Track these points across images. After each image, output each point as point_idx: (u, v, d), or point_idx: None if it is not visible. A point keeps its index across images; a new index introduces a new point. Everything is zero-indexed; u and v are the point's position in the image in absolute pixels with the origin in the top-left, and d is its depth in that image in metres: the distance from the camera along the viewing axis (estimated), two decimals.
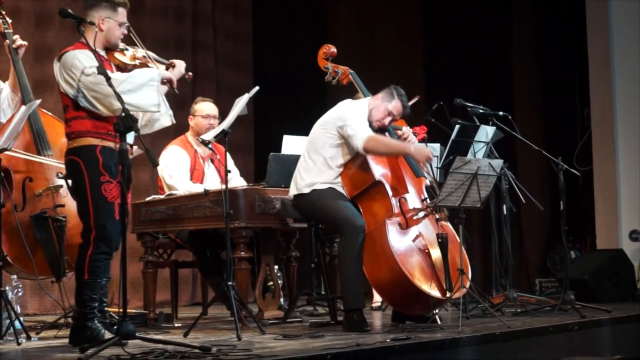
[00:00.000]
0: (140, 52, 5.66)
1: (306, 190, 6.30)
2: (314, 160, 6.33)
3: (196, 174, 7.30)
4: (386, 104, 6.37)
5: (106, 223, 5.35)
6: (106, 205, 5.35)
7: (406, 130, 6.51)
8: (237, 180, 7.35)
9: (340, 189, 6.29)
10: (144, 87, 5.35)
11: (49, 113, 6.80)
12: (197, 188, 7.03)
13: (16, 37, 6.50)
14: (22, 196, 6.44)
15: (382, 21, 11.91)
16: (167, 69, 5.69)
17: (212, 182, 7.21)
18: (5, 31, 6.50)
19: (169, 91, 5.59)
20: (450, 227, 6.52)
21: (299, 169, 6.41)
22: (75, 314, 5.44)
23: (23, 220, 6.35)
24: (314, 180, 6.29)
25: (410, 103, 6.58)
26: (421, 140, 7.88)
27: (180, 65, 5.70)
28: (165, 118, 5.63)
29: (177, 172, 7.19)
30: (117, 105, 5.17)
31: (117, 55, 5.60)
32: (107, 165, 5.36)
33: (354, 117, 6.28)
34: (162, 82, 5.48)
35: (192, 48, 10.57)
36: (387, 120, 6.39)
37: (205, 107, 7.46)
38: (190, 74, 5.78)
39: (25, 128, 6.51)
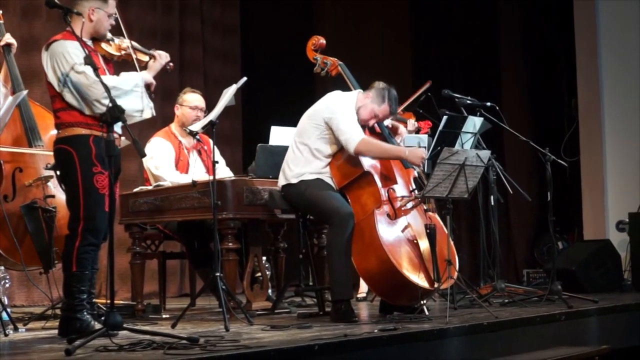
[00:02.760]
0: (126, 42, 5.65)
1: (294, 181, 6.29)
2: (302, 150, 6.32)
3: (181, 165, 7.29)
4: (374, 105, 6.34)
5: (96, 214, 5.33)
6: (97, 196, 5.33)
7: (401, 127, 6.46)
8: (223, 170, 7.32)
9: (328, 179, 6.28)
10: (129, 94, 5.39)
11: (39, 104, 6.79)
12: (184, 179, 7.03)
13: (8, 35, 6.47)
14: (12, 186, 6.44)
15: (370, 12, 11.90)
16: (150, 59, 5.68)
17: (197, 172, 7.20)
18: None
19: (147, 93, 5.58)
20: (438, 218, 6.53)
21: (287, 159, 6.41)
22: (63, 306, 5.43)
23: (13, 211, 6.36)
24: (301, 171, 6.29)
25: (422, 89, 6.53)
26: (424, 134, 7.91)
27: (163, 57, 5.69)
28: (146, 111, 5.61)
29: (163, 163, 7.18)
30: (101, 109, 5.23)
31: (104, 45, 5.59)
32: (100, 156, 5.31)
33: (344, 112, 6.25)
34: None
35: (179, 39, 10.56)
36: (371, 122, 6.38)
37: (193, 99, 7.44)
38: (171, 64, 5.76)
39: (16, 118, 6.51)
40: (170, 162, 7.23)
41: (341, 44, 10.74)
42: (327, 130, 6.26)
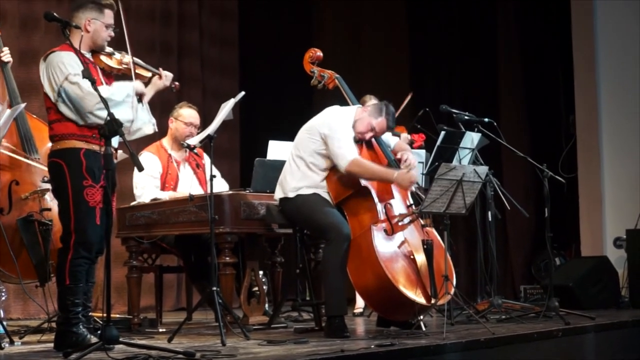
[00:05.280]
0: (127, 58, 5.63)
1: (291, 195, 6.28)
2: (298, 164, 6.31)
3: (169, 179, 7.27)
4: (371, 119, 6.31)
5: (86, 228, 5.29)
6: (87, 209, 5.30)
7: (410, 157, 6.40)
8: (219, 183, 7.30)
9: (325, 194, 6.27)
10: (121, 105, 5.33)
11: (35, 116, 6.78)
12: (163, 196, 7.04)
13: (6, 49, 6.47)
14: (9, 199, 6.44)
15: (368, 26, 11.94)
16: (153, 76, 5.67)
17: (186, 185, 7.19)
18: None
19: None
20: (435, 233, 6.51)
21: (285, 172, 6.40)
22: (59, 320, 5.39)
23: (10, 224, 6.36)
24: (298, 185, 6.27)
25: (404, 103, 6.53)
26: (417, 148, 7.89)
27: (168, 78, 5.67)
28: (148, 126, 5.59)
29: (142, 181, 7.17)
30: (93, 120, 5.25)
31: (103, 58, 5.57)
32: (90, 169, 5.30)
33: (341, 130, 6.23)
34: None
35: (178, 52, 10.55)
36: (367, 135, 6.33)
37: (189, 114, 7.41)
38: (177, 83, 5.76)
39: (13, 131, 6.51)
40: (153, 179, 7.19)
41: (340, 57, 10.77)
42: (324, 144, 6.24)
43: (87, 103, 5.23)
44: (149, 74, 5.66)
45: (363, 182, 6.19)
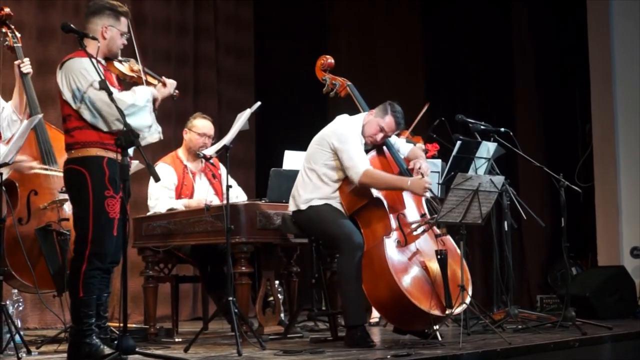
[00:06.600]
0: (137, 65, 5.65)
1: (303, 207, 6.28)
2: (310, 176, 6.31)
3: (185, 189, 7.29)
4: (378, 119, 6.32)
5: (104, 239, 5.25)
6: (107, 220, 5.26)
7: (423, 165, 6.39)
8: (237, 191, 7.32)
9: (337, 204, 6.26)
10: (142, 110, 5.32)
11: (54, 127, 6.81)
12: (178, 205, 7.07)
13: (26, 60, 6.48)
14: (27, 209, 6.47)
15: (383, 36, 11.93)
16: (159, 83, 5.67)
17: (202, 196, 7.21)
18: (15, 45, 6.48)
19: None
20: (452, 240, 6.47)
21: (297, 185, 6.40)
22: (72, 331, 5.33)
23: (28, 234, 6.38)
24: (310, 197, 6.27)
25: (421, 113, 6.52)
26: (431, 157, 7.88)
27: (172, 85, 5.64)
28: (154, 135, 5.57)
29: (156, 192, 7.19)
30: (119, 126, 5.19)
31: (117, 65, 5.58)
32: (113, 179, 5.23)
33: (351, 141, 6.23)
34: None
35: (193, 62, 10.57)
36: (378, 137, 6.35)
37: (202, 125, 7.41)
38: (177, 91, 5.74)
39: (32, 141, 6.53)
40: (167, 190, 7.20)
41: (354, 67, 10.76)
42: (335, 156, 6.24)
43: (115, 110, 5.19)
44: (155, 82, 5.67)
45: (375, 193, 6.18)
